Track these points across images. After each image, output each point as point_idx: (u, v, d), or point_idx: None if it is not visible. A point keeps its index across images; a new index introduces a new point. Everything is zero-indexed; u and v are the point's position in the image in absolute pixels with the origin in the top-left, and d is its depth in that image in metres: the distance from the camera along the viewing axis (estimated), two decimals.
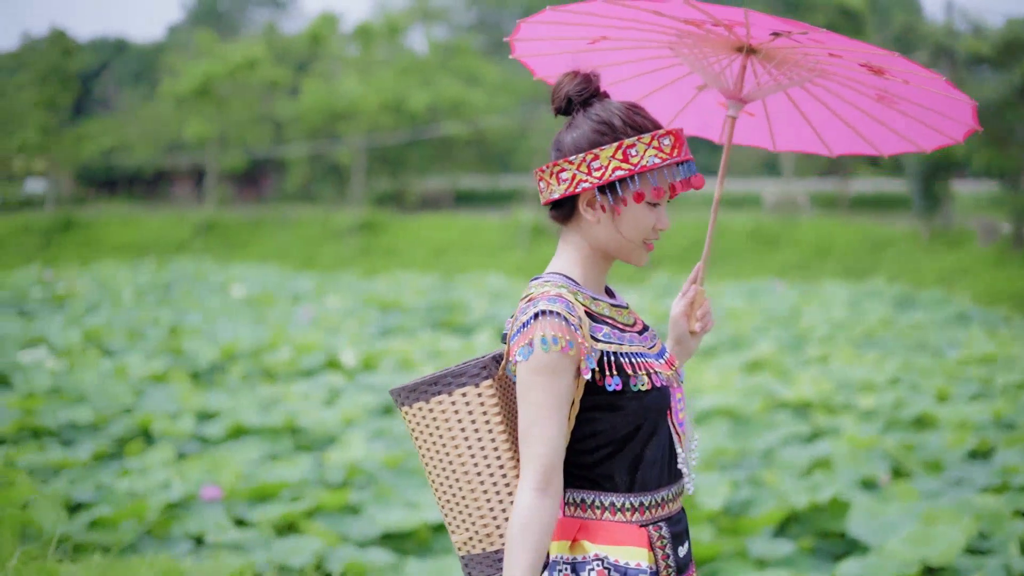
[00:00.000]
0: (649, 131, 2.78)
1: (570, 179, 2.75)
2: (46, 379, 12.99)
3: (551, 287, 2.73)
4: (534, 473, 2.62)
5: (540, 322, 2.65)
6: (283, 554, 7.16)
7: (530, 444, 2.64)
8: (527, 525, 2.59)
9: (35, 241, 40.97)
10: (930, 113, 3.24)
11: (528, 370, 2.65)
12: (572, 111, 2.83)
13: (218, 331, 17.79)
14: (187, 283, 27.28)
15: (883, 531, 7.48)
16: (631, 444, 2.74)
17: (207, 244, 40.23)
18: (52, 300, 22.87)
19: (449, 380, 2.82)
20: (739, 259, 33.85)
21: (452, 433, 2.82)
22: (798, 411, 12.35)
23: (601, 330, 2.74)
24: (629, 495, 2.75)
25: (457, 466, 2.83)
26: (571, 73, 2.83)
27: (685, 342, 3.16)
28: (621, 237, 2.80)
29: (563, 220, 2.84)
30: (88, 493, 8.57)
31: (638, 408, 2.73)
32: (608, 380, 2.70)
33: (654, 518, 2.78)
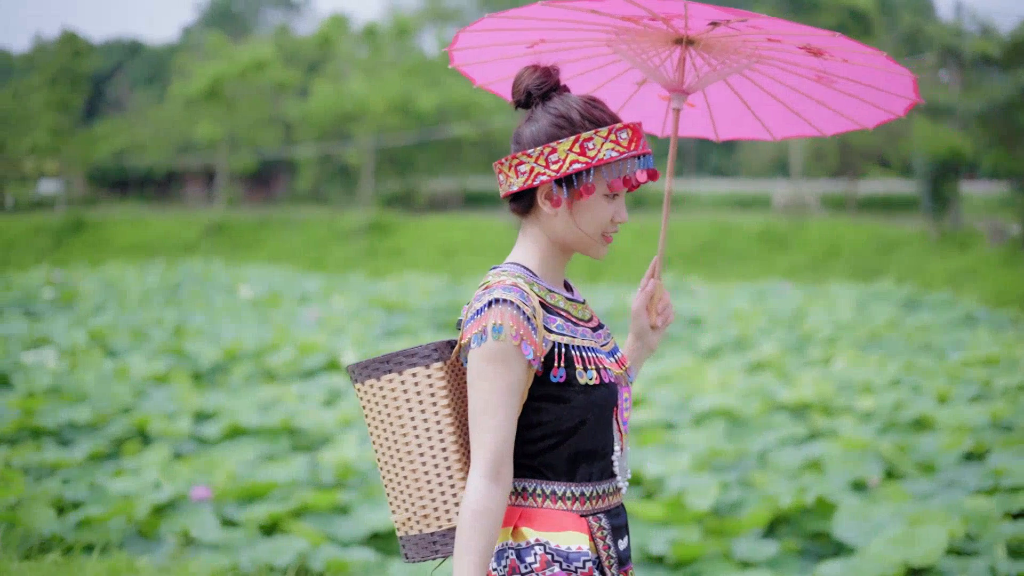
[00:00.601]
0: (607, 125, 2.79)
1: (528, 172, 2.77)
2: (47, 379, 13.06)
3: (507, 276, 2.76)
4: (485, 461, 2.64)
5: (494, 310, 2.68)
6: (267, 554, 7.18)
7: (481, 432, 2.66)
8: (479, 512, 2.61)
9: (46, 242, 41.13)
10: (870, 90, 3.24)
11: (480, 357, 2.67)
12: (531, 104, 2.85)
13: (222, 332, 17.85)
14: (195, 284, 27.36)
15: (869, 532, 7.48)
16: (575, 437, 2.76)
17: (216, 245, 40.33)
18: (60, 300, 22.97)
19: (401, 359, 2.85)
20: (748, 260, 33.83)
21: (400, 412, 2.84)
22: (796, 413, 12.34)
23: (555, 321, 2.77)
24: (570, 484, 2.77)
25: (402, 446, 2.85)
26: (531, 67, 2.85)
27: (646, 336, 3.17)
28: (579, 230, 2.81)
29: (522, 213, 2.86)
30: (81, 493, 8.59)
31: (584, 402, 2.74)
32: (555, 372, 2.72)
33: (594, 509, 2.80)
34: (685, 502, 8.24)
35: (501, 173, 2.83)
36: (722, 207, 43.05)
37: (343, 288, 27.29)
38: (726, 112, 3.46)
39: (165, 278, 28.52)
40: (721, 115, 3.48)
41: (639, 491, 9.22)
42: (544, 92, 2.83)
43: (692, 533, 7.61)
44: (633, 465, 9.51)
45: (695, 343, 18.21)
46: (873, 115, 3.35)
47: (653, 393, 12.94)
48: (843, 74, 3.16)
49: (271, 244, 40.76)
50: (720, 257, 34.23)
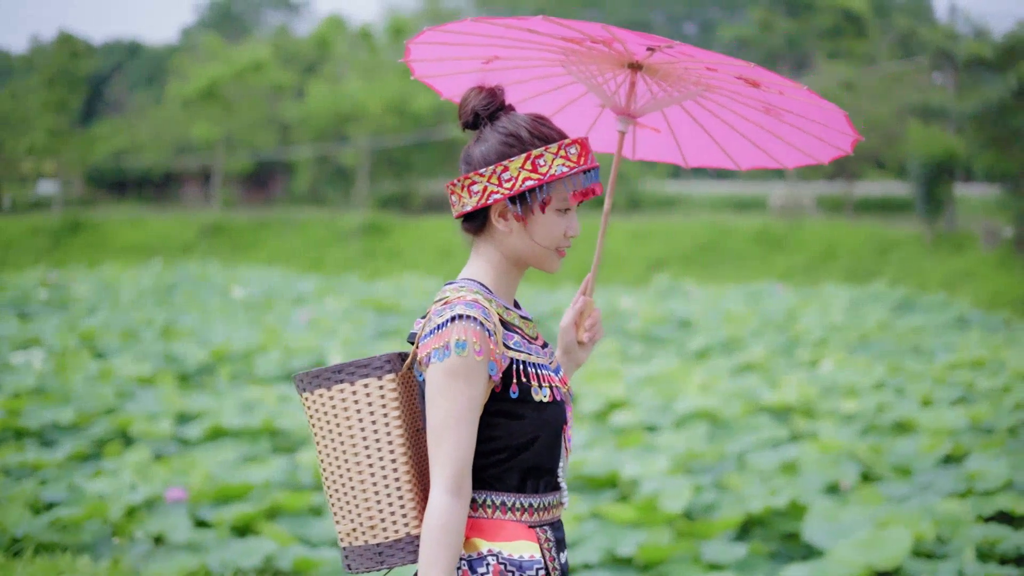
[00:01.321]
0: (555, 141, 2.85)
1: (481, 191, 2.81)
2: (32, 380, 13.08)
3: (467, 292, 2.79)
4: (447, 477, 2.66)
5: (456, 326, 2.69)
6: (235, 555, 7.21)
7: (442, 447, 2.68)
8: (444, 527, 2.63)
9: (44, 243, 41.20)
10: (814, 124, 3.27)
11: (442, 372, 2.69)
12: (480, 125, 2.88)
13: (211, 333, 17.87)
14: (190, 285, 27.39)
15: (837, 535, 7.51)
16: (526, 453, 2.80)
17: (214, 246, 40.39)
18: (54, 301, 22.99)
19: (353, 370, 2.86)
20: (743, 262, 33.83)
21: (350, 423, 2.85)
22: (778, 415, 12.36)
23: (512, 338, 2.81)
24: (519, 496, 2.81)
25: (350, 456, 2.86)
26: (476, 88, 2.89)
27: (573, 352, 3.18)
28: (534, 244, 2.86)
29: (475, 232, 2.90)
30: (58, 494, 8.63)
31: (537, 419, 2.79)
32: (514, 388, 2.77)
33: (540, 521, 2.84)
34: (658, 504, 8.26)
35: (453, 194, 2.87)
36: (719, 209, 43.06)
37: (338, 289, 27.31)
38: (690, 139, 3.48)
39: (160, 279, 28.54)
40: (686, 142, 3.50)
41: (614, 493, 9.25)
42: (491, 112, 2.87)
43: (662, 535, 7.63)
44: (610, 467, 9.53)
45: (684, 345, 18.23)
46: (825, 151, 3.36)
47: (636, 395, 12.96)
48: (785, 107, 3.20)
49: (269, 245, 40.81)
50: (716, 259, 34.23)
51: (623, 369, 14.87)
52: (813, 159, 3.38)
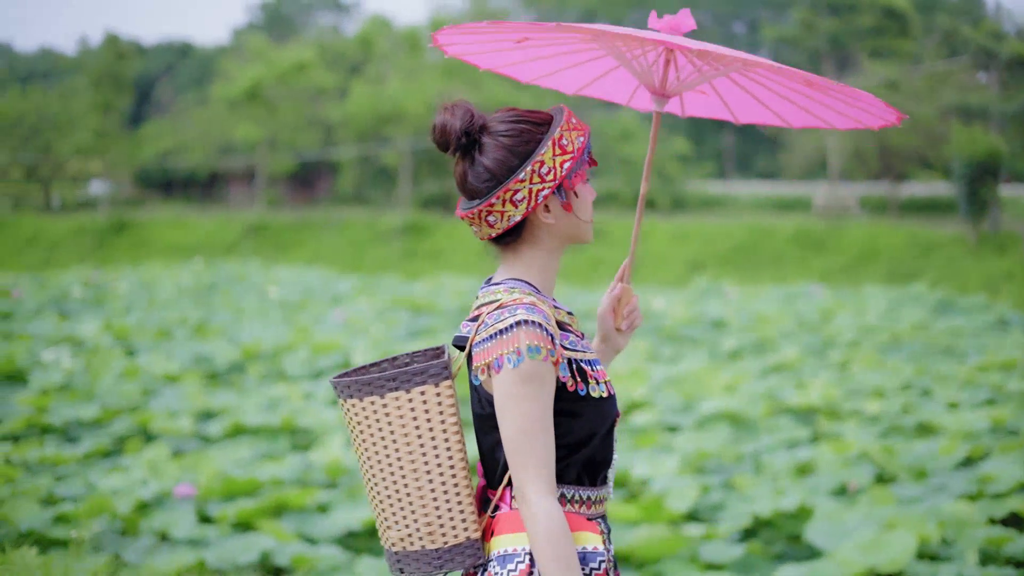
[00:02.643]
0: (551, 119, 2.82)
1: (528, 195, 2.77)
2: (61, 377, 13.25)
3: (520, 294, 2.77)
4: (544, 481, 2.67)
5: (523, 330, 2.69)
6: (234, 551, 7.26)
7: (532, 453, 2.68)
8: (561, 530, 2.64)
9: (89, 242, 41.61)
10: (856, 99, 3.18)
11: (519, 378, 2.68)
12: (473, 143, 2.82)
13: (243, 332, 17.99)
14: (228, 284, 27.57)
15: (841, 537, 7.47)
16: (585, 449, 2.82)
17: (256, 246, 40.65)
18: (92, 300, 23.23)
19: (408, 377, 2.82)
20: (783, 263, 33.66)
21: (405, 430, 2.82)
22: (802, 416, 12.29)
23: (568, 337, 2.81)
24: (579, 488, 2.82)
25: (406, 463, 2.83)
26: (445, 112, 2.83)
27: (612, 339, 3.19)
28: (580, 222, 2.87)
29: (514, 242, 2.86)
30: (73, 489, 8.73)
31: (595, 415, 2.81)
32: (579, 386, 2.77)
33: (596, 514, 2.85)
34: (663, 504, 8.25)
35: (491, 215, 2.79)
36: (762, 209, 42.87)
37: (376, 289, 27.40)
38: (739, 101, 3.42)
39: (200, 278, 28.75)
40: (735, 103, 3.44)
41: (623, 492, 9.25)
42: (480, 125, 2.81)
43: (664, 534, 7.62)
44: (621, 467, 9.53)
45: (716, 346, 18.16)
46: (871, 119, 3.26)
47: (658, 396, 12.93)
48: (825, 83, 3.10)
49: (310, 245, 41.02)
50: (756, 260, 34.08)
51: (649, 369, 14.84)
52: (862, 124, 3.30)
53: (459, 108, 2.81)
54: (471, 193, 2.82)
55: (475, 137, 2.81)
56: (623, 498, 9.06)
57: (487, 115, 2.84)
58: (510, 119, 2.81)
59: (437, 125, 2.83)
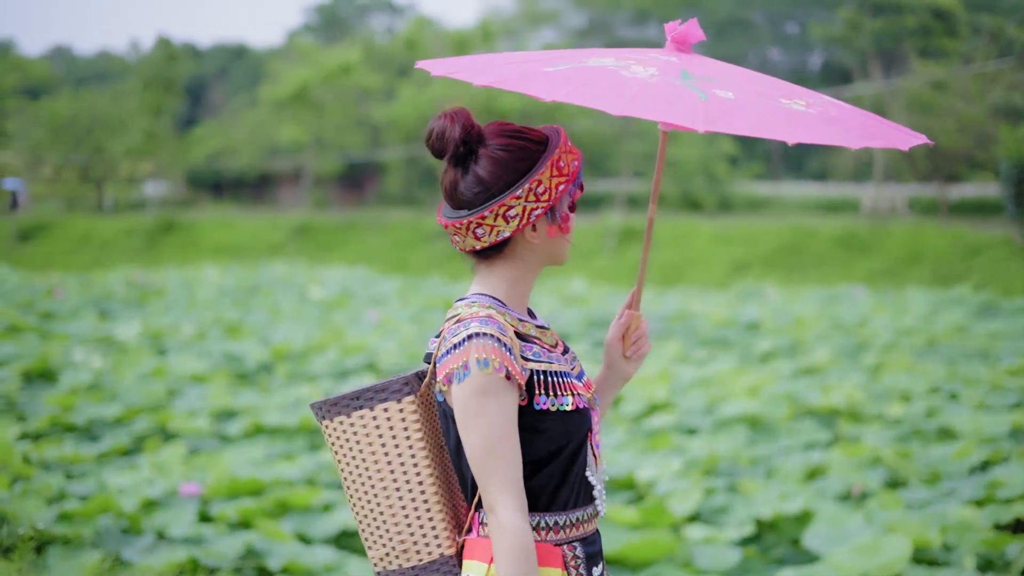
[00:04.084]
0: (548, 139, 2.82)
1: (521, 213, 2.75)
2: (89, 377, 13.40)
3: (479, 308, 2.76)
4: (512, 496, 2.65)
5: (474, 344, 2.67)
6: (226, 549, 7.33)
7: (498, 469, 2.65)
8: (526, 548, 2.62)
9: (138, 243, 42.02)
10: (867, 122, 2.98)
11: (471, 394, 2.66)
12: (471, 153, 2.79)
13: (276, 333, 18.10)
14: (271, 285, 27.76)
15: (839, 541, 7.42)
16: (552, 465, 2.77)
17: (302, 247, 40.88)
18: (135, 300, 23.49)
19: (371, 395, 2.84)
20: (827, 265, 33.39)
21: (372, 448, 2.83)
22: (824, 419, 12.21)
23: (531, 349, 2.78)
24: (545, 514, 2.77)
25: (376, 481, 2.84)
26: (444, 116, 2.79)
27: (618, 366, 3.14)
28: (561, 246, 2.87)
29: (494, 256, 2.85)
30: (85, 488, 8.83)
31: (561, 429, 2.76)
32: (537, 399, 2.73)
33: (568, 538, 2.79)
34: (665, 507, 8.23)
35: (480, 227, 2.77)
36: (810, 211, 42.59)
37: (416, 290, 27.50)
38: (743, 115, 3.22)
39: (243, 279, 28.98)
40: None
41: (630, 495, 9.24)
42: (477, 134, 2.79)
43: (660, 538, 7.60)
44: (628, 469, 9.52)
45: (749, 349, 18.06)
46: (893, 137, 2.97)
47: (680, 398, 12.89)
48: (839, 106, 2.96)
49: (356, 246, 41.18)
50: (799, 261, 33.83)
51: (677, 371, 14.80)
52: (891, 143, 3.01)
53: (459, 116, 2.79)
54: (459, 202, 2.79)
55: (472, 147, 2.79)
56: (626, 501, 9.05)
57: (482, 126, 2.83)
58: (508, 134, 2.80)
59: (436, 130, 2.79)
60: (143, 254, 40.75)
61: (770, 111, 2.82)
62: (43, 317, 19.70)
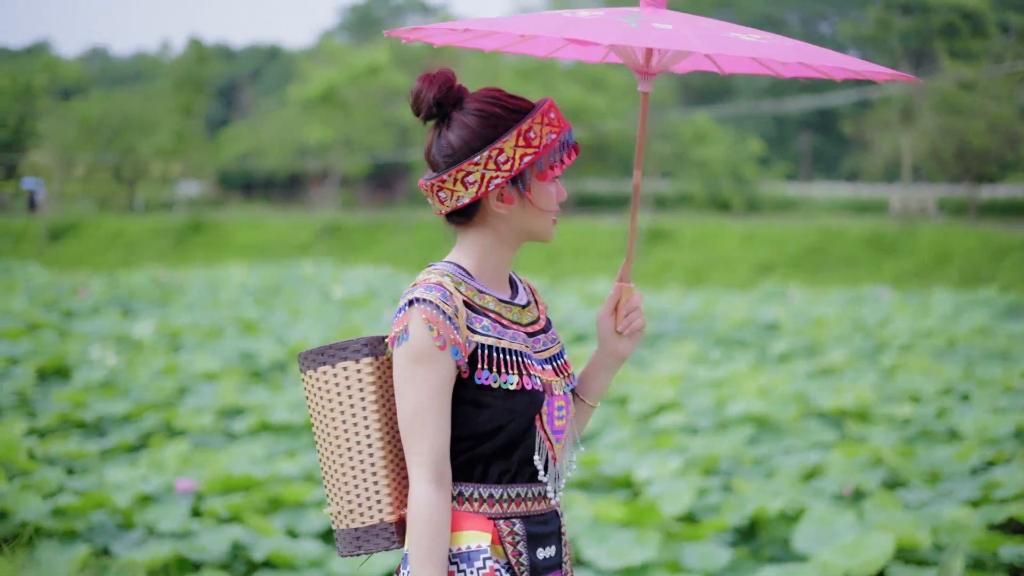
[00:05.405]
0: (528, 110, 2.76)
1: (479, 180, 2.73)
2: (102, 374, 13.50)
3: (435, 275, 2.76)
4: (426, 467, 2.64)
5: (413, 310, 2.68)
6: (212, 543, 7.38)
7: (418, 437, 2.65)
8: (429, 519, 2.62)
9: (166, 242, 42.28)
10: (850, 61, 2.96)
11: (403, 359, 2.67)
12: (445, 115, 2.79)
13: (294, 331, 18.16)
14: (295, 284, 27.85)
15: (826, 541, 7.39)
16: (490, 442, 2.74)
17: (329, 247, 41.02)
18: (157, 299, 23.64)
19: (333, 352, 2.85)
20: (853, 266, 33.23)
21: (331, 406, 2.83)
22: (832, 420, 12.15)
23: (480, 322, 2.75)
24: (479, 485, 2.75)
25: (332, 439, 2.84)
26: (426, 77, 2.78)
27: (610, 343, 3.03)
28: (534, 219, 2.82)
29: (466, 223, 2.84)
30: (85, 483, 8.89)
31: (502, 408, 2.73)
32: (479, 374, 2.71)
33: (505, 513, 2.77)
34: (657, 506, 8.21)
35: (442, 191, 2.77)
36: (838, 211, 42.40)
37: None
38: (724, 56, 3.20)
39: (268, 279, 29.08)
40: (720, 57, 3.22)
41: (626, 493, 9.23)
42: (455, 99, 2.78)
43: (650, 537, 7.59)
44: (626, 468, 9.51)
45: (765, 349, 18.01)
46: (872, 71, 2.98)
47: (688, 398, 12.86)
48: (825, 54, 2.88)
49: (384, 246, 41.28)
50: (825, 262, 33.68)
51: (691, 371, 14.77)
52: (860, 75, 3.04)
53: (438, 78, 2.78)
54: (433, 165, 2.81)
55: (447, 110, 2.78)
56: (621, 499, 9.03)
57: (469, 92, 2.80)
58: (485, 100, 2.77)
59: (413, 91, 2.80)
60: (171, 253, 41.00)
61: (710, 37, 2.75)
62: (65, 315, 19.88)
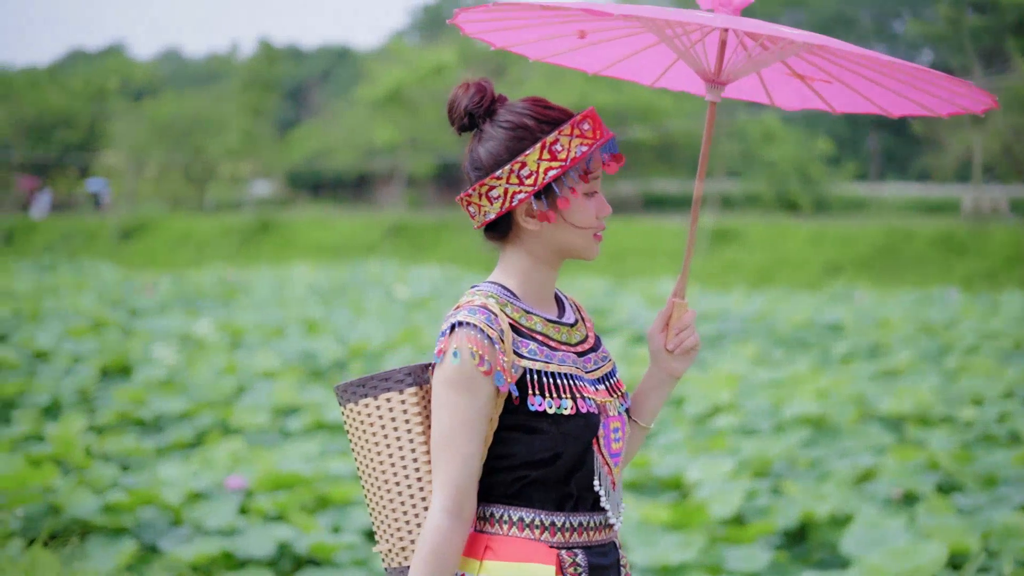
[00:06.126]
0: (564, 122, 2.65)
1: (503, 195, 2.65)
2: (163, 373, 13.64)
3: (479, 296, 2.65)
4: (447, 496, 2.54)
5: (457, 333, 2.57)
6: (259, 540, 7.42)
7: (444, 464, 2.55)
8: (437, 549, 2.51)
9: (235, 242, 42.64)
10: (931, 84, 2.93)
11: (441, 383, 2.57)
12: (476, 124, 2.71)
13: (355, 331, 18.23)
14: (360, 284, 27.99)
15: (875, 545, 7.29)
16: (547, 469, 2.62)
17: (396, 246, 41.15)
18: (222, 298, 23.86)
19: (375, 383, 2.73)
20: (923, 267, 32.77)
21: (376, 439, 2.72)
22: (891, 423, 11.99)
23: (527, 345, 2.64)
24: (541, 512, 2.63)
25: (379, 474, 2.73)
26: (463, 86, 2.71)
27: (662, 361, 2.90)
28: (570, 236, 2.69)
29: (501, 239, 2.74)
30: (138, 480, 9.00)
31: (557, 433, 2.60)
32: (531, 400, 2.60)
33: (567, 542, 2.64)
34: (706, 508, 8.15)
35: (471, 205, 2.71)
36: (910, 212, 41.86)
37: None
38: (781, 84, 3.17)
39: (333, 278, 29.25)
40: (777, 87, 3.19)
41: (674, 496, 9.17)
42: (487, 108, 2.69)
43: (695, 540, 7.53)
44: (677, 470, 9.45)
45: (828, 351, 17.81)
46: (941, 105, 3.00)
47: (747, 400, 12.75)
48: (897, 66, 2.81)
49: (450, 245, 41.33)
50: (894, 263, 33.25)
51: (750, 373, 14.66)
52: (927, 111, 3.03)
53: (472, 87, 2.71)
54: (467, 178, 2.74)
55: (479, 119, 2.70)
56: (670, 501, 8.98)
57: (509, 101, 2.72)
58: (517, 110, 2.68)
59: (448, 100, 2.73)
60: (240, 253, 41.34)
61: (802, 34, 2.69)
62: (130, 314, 20.13)
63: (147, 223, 44.88)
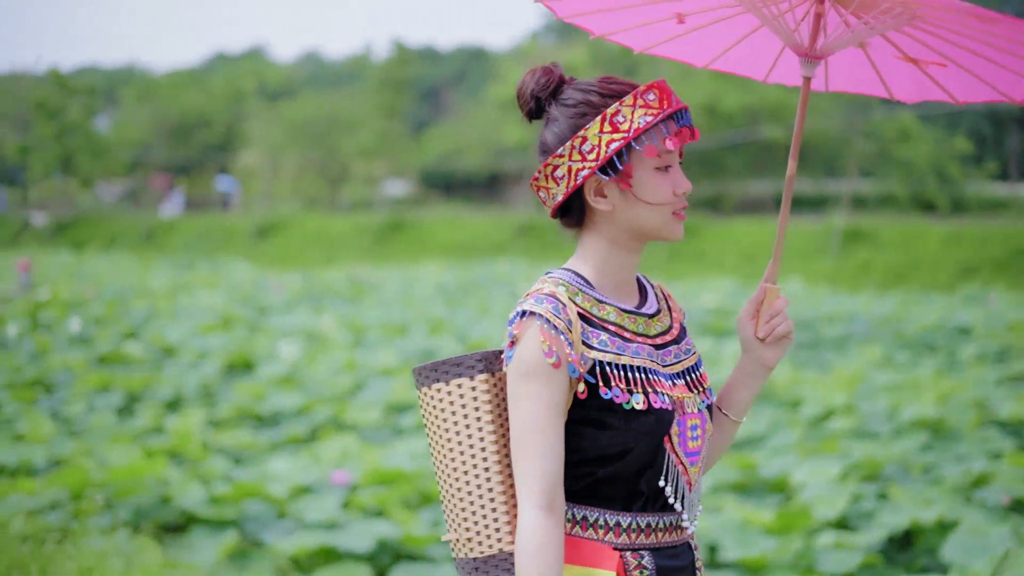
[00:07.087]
0: (629, 93, 2.55)
1: (567, 173, 2.56)
2: (284, 369, 13.91)
3: (549, 284, 2.58)
4: (536, 492, 2.45)
5: (523, 323, 2.50)
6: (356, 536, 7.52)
7: (527, 459, 2.46)
8: (540, 548, 2.41)
9: (367, 241, 43.14)
10: None
11: (514, 376, 2.49)
12: (544, 108, 2.64)
13: (476, 329, 18.34)
14: (487, 283, 28.11)
15: (978, 553, 7.12)
16: (615, 466, 2.53)
17: (525, 246, 41.25)
18: (350, 296, 24.19)
19: (447, 368, 2.65)
20: None
21: (446, 425, 2.62)
22: (1012, 428, 11.68)
23: (598, 336, 2.54)
24: (605, 511, 2.55)
25: (448, 461, 2.64)
26: (530, 72, 2.64)
27: (753, 350, 2.77)
28: (644, 214, 2.57)
29: (577, 224, 2.66)
30: (248, 474, 9.20)
31: (626, 429, 2.51)
32: (602, 391, 2.50)
33: (633, 544, 2.55)
34: (810, 512, 8.04)
35: (541, 190, 2.63)
36: None
37: None
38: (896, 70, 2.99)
39: (462, 277, 29.44)
40: (891, 74, 3.00)
41: (779, 499, 9.07)
42: (552, 90, 2.62)
43: (793, 543, 7.45)
44: (782, 472, 9.35)
45: (955, 353, 17.41)
46: None
47: (864, 402, 12.54)
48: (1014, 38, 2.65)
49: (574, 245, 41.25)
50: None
51: (872, 375, 14.42)
52: None
53: (539, 70, 2.64)
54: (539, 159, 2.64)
55: (545, 102, 2.63)
56: (773, 504, 8.89)
57: (578, 80, 2.63)
58: (583, 88, 2.59)
59: (517, 87, 2.68)
60: (372, 252, 41.83)
61: None
62: (259, 311, 20.52)
63: (282, 222, 45.67)
